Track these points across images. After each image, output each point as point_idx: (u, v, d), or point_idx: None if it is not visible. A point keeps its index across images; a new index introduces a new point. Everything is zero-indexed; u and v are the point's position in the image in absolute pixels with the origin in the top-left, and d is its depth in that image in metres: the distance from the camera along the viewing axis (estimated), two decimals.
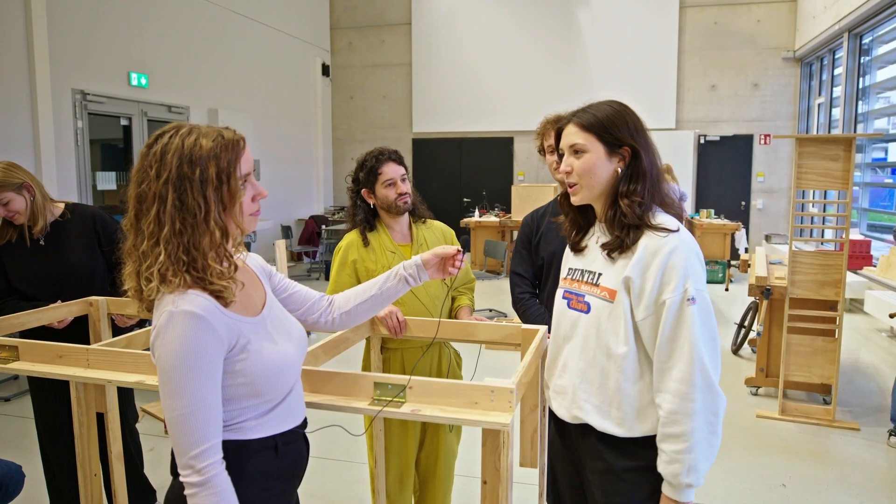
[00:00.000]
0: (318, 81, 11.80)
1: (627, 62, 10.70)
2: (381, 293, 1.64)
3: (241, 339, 1.24)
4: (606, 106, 1.53)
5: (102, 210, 2.74)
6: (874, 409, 4.28)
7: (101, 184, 7.13)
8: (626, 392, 1.48)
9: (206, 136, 1.24)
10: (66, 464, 2.62)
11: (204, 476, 1.16)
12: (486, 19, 11.38)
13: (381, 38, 12.03)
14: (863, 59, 8.01)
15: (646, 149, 1.50)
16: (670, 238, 1.43)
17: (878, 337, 6.12)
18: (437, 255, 1.66)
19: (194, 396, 1.16)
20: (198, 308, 1.18)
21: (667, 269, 1.41)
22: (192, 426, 1.16)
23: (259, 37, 9.92)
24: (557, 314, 1.68)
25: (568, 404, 1.59)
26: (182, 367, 1.15)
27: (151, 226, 1.20)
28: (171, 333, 1.16)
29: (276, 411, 1.33)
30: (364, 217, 2.37)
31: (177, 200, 1.19)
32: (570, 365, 1.59)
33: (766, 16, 10.16)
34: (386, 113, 12.17)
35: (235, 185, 1.25)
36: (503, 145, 11.69)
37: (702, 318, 1.40)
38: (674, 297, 1.40)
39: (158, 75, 7.77)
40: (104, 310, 2.47)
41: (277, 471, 1.34)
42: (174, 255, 1.19)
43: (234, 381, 1.24)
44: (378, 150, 2.37)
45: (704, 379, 1.38)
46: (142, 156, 1.24)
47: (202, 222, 1.21)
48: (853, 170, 3.82)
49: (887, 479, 3.32)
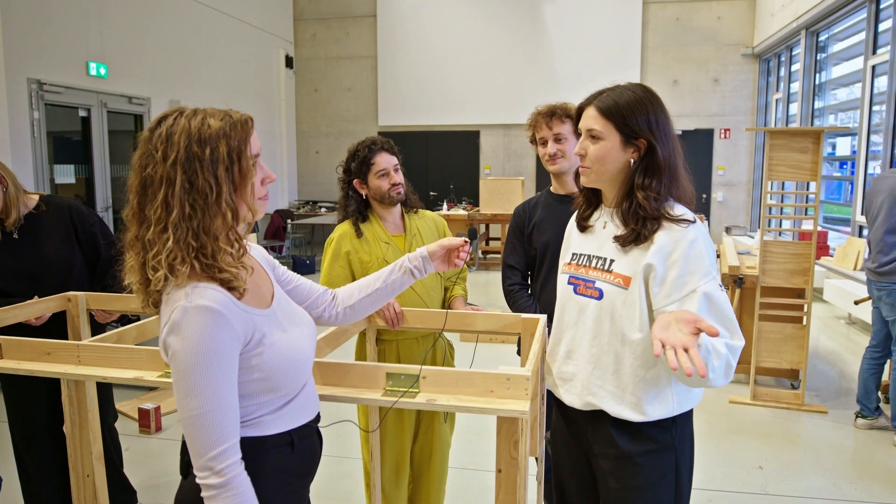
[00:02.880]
0: (282, 73, 11.60)
1: (592, 57, 10.82)
2: (386, 286, 1.61)
3: (257, 333, 1.20)
4: (630, 92, 1.50)
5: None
6: (839, 392, 4.43)
7: (58, 177, 6.87)
8: (642, 377, 1.49)
9: (213, 116, 1.20)
10: (43, 467, 2.52)
11: (224, 477, 1.11)
12: (452, 12, 11.35)
13: (346, 29, 11.89)
14: (819, 56, 8.26)
15: (663, 142, 1.48)
16: (690, 229, 1.44)
17: (837, 324, 6.35)
18: (444, 247, 1.63)
19: (213, 395, 1.11)
20: (213, 302, 1.13)
21: (691, 258, 1.42)
22: (210, 426, 1.11)
23: (221, 27, 9.69)
24: (562, 300, 1.67)
25: (579, 391, 1.59)
26: (200, 365, 1.10)
27: (158, 211, 1.14)
28: (186, 329, 1.11)
29: (292, 405, 1.29)
30: (356, 208, 2.34)
31: (186, 182, 1.14)
32: (580, 351, 1.58)
33: (726, 12, 10.39)
34: (351, 106, 12.04)
35: (247, 165, 1.21)
36: (469, 139, 11.70)
37: (725, 300, 1.43)
38: (703, 284, 1.40)
39: (118, 65, 7.52)
40: (83, 305, 2.38)
41: (293, 467, 1.31)
42: (183, 240, 1.14)
43: (250, 377, 1.20)
44: (371, 139, 2.34)
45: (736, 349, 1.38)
46: (144, 140, 1.18)
47: (213, 204, 1.16)
48: (821, 162, 3.94)
49: (857, 459, 3.44)
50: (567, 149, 2.27)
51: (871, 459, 3.43)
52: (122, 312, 2.45)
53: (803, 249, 4.05)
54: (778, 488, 3.12)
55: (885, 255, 3.53)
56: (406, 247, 2.38)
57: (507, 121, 11.26)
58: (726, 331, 1.40)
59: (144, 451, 3.52)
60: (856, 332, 6.05)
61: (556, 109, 2.25)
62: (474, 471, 3.26)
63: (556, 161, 2.29)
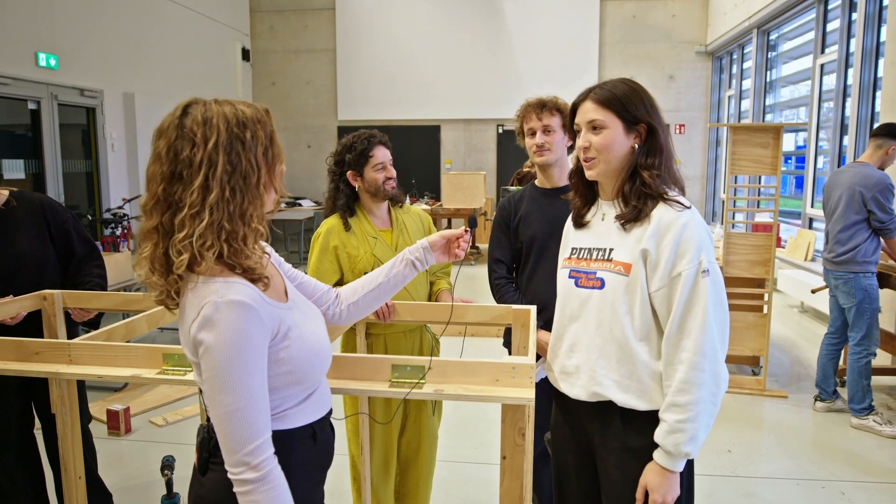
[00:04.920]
0: (238, 66, 11.37)
1: (552, 53, 10.95)
2: (389, 280, 1.60)
3: (283, 327, 1.20)
4: (622, 83, 1.56)
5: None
6: (796, 377, 4.63)
7: (7, 172, 6.59)
8: (646, 364, 1.52)
9: (240, 104, 1.20)
10: (18, 475, 2.44)
11: (261, 472, 1.12)
12: (413, 6, 11.32)
13: (304, 22, 11.72)
14: (770, 55, 8.56)
15: (661, 126, 1.55)
16: (684, 213, 1.48)
17: (790, 312, 6.61)
18: (444, 237, 1.64)
19: (247, 390, 1.11)
20: (245, 297, 1.13)
21: (682, 241, 1.45)
22: (246, 421, 1.11)
23: (176, 18, 9.43)
24: (563, 295, 1.69)
25: (584, 382, 1.60)
26: (235, 360, 1.10)
27: (195, 195, 1.12)
28: (220, 325, 1.10)
29: (313, 398, 1.30)
30: (346, 202, 2.33)
31: (227, 164, 1.13)
32: (583, 343, 1.61)
33: (681, 11, 10.65)
34: (310, 100, 11.89)
35: (279, 150, 1.22)
36: (430, 134, 11.70)
37: (715, 290, 1.45)
38: (689, 268, 1.44)
39: (70, 56, 7.25)
40: (60, 304, 2.30)
41: (316, 459, 1.32)
42: (217, 223, 1.12)
43: (277, 370, 1.20)
44: (368, 132, 2.33)
45: (713, 351, 1.43)
46: (173, 127, 1.15)
47: (253, 187, 1.16)
48: (781, 156, 4.09)
49: (818, 440, 3.61)
50: (554, 141, 2.30)
51: (830, 440, 3.60)
52: (101, 311, 2.38)
53: (764, 241, 4.21)
54: (747, 470, 3.25)
55: (842, 246, 3.69)
56: (393, 241, 2.38)
57: (467, 115, 11.30)
58: (678, 325, 1.45)
59: (115, 453, 3.43)
60: (808, 319, 6.31)
61: (547, 102, 2.28)
62: (454, 462, 3.29)
63: (544, 153, 2.31)
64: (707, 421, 1.45)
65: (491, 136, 11.40)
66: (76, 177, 7.72)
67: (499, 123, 11.29)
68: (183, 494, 2.75)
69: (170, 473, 2.79)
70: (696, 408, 1.43)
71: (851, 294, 3.68)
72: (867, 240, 3.65)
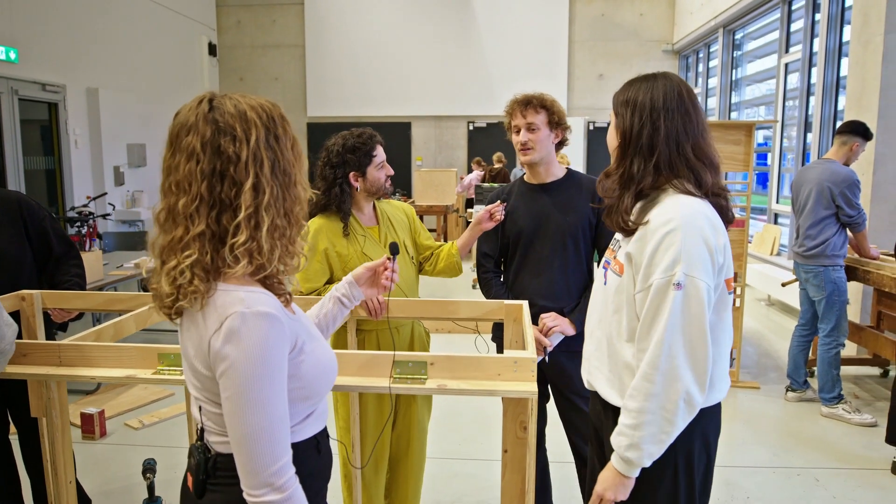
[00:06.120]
0: (205, 61, 11.16)
1: (521, 50, 11.02)
2: (321, 322, 1.55)
3: (299, 340, 1.15)
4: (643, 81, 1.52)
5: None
6: (766, 368, 4.75)
7: None
8: (627, 364, 1.50)
9: (254, 98, 1.15)
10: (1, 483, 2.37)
11: (285, 493, 1.06)
12: (382, 2, 11.26)
13: (272, 17, 11.57)
14: (735, 54, 8.75)
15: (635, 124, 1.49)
16: (676, 217, 1.39)
17: (758, 306, 6.78)
18: (369, 269, 1.60)
19: (273, 408, 1.05)
20: (271, 308, 1.07)
21: (659, 249, 1.39)
22: (271, 441, 1.05)
23: (141, 11, 9.21)
24: (596, 281, 1.70)
25: (586, 370, 1.65)
26: (264, 378, 1.04)
27: (248, 195, 1.05)
28: (247, 338, 1.03)
29: (318, 410, 1.26)
30: (349, 204, 2.29)
31: (272, 161, 1.09)
32: (594, 334, 1.64)
33: (648, 10, 10.82)
34: (278, 96, 11.73)
35: (300, 144, 1.19)
36: (401, 130, 11.67)
37: (685, 305, 1.35)
38: (660, 279, 1.37)
39: (30, 50, 7.03)
40: (39, 304, 2.23)
41: (320, 470, 1.28)
42: (272, 223, 1.07)
43: (292, 386, 1.13)
44: (368, 131, 2.30)
45: (669, 368, 1.36)
46: (205, 121, 1.08)
47: (293, 184, 1.12)
48: (753, 153, 4.19)
49: (791, 429, 3.71)
50: (538, 139, 2.28)
51: (803, 429, 3.70)
52: (82, 311, 2.32)
53: (736, 236, 4.31)
54: (725, 460, 3.32)
55: (812, 241, 3.80)
56: (381, 238, 2.37)
57: (438, 112, 11.30)
58: (643, 334, 1.40)
59: (91, 457, 3.34)
60: (776, 312, 6.48)
61: (532, 98, 2.26)
62: (439, 459, 3.29)
63: (527, 152, 2.29)
64: (655, 434, 1.39)
65: (462, 133, 11.42)
66: (37, 174, 7.49)
67: (469, 120, 11.32)
68: (165, 498, 2.70)
69: (152, 477, 2.73)
70: (641, 416, 1.39)
71: (821, 287, 3.79)
72: (836, 234, 3.76)
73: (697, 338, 1.37)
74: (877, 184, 4.71)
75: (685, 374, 1.37)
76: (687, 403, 1.38)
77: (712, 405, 1.52)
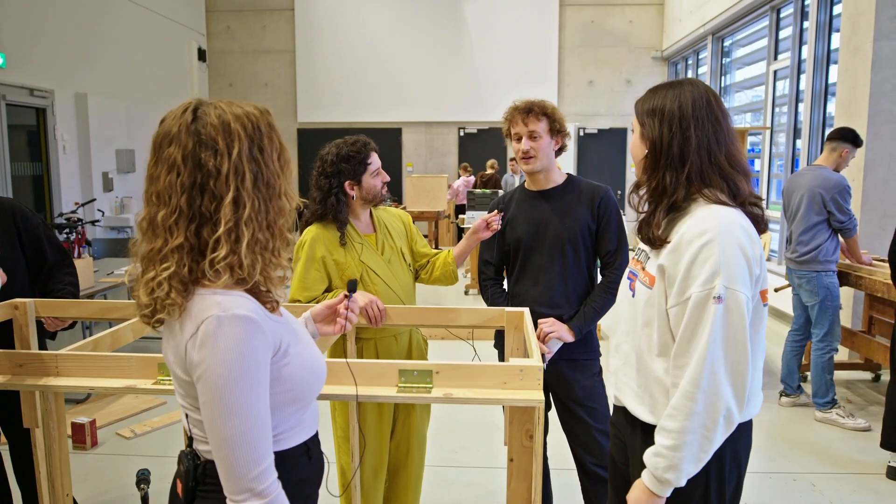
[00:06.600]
0: (195, 67, 11.10)
1: (512, 57, 11.05)
2: None
3: (283, 343, 1.13)
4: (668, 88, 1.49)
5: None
6: None
7: None
8: (659, 380, 1.46)
9: (243, 104, 1.13)
10: None
11: (267, 499, 1.04)
12: (373, 8, 11.27)
13: (262, 23, 11.54)
14: (724, 61, 8.82)
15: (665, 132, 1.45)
16: (711, 229, 1.34)
17: None
18: (328, 307, 1.56)
19: (251, 412, 1.03)
20: (248, 311, 1.05)
21: (696, 262, 1.34)
22: (250, 445, 1.03)
23: (130, 16, 9.15)
24: (621, 293, 1.66)
25: (614, 384, 1.60)
26: (241, 381, 1.02)
27: (228, 209, 1.04)
28: (222, 342, 1.02)
29: (307, 415, 1.24)
30: (345, 213, 2.27)
31: (254, 174, 1.07)
32: (621, 347, 1.59)
33: (637, 17, 10.90)
34: (269, 102, 11.67)
35: (289, 154, 1.17)
36: (391, 136, 11.66)
37: (726, 319, 1.31)
38: (700, 292, 1.32)
39: (17, 54, 6.95)
40: (32, 313, 2.19)
41: (310, 476, 1.26)
42: (253, 236, 1.06)
43: (277, 389, 1.12)
44: (362, 139, 2.29)
45: (712, 384, 1.32)
46: (187, 132, 1.06)
47: (276, 196, 1.10)
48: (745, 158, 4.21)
49: (785, 434, 3.72)
50: (540, 147, 2.27)
51: (798, 434, 3.72)
52: (77, 319, 2.29)
53: None
54: None
55: (805, 246, 3.83)
56: (378, 245, 2.35)
57: (429, 118, 11.31)
58: (682, 350, 1.36)
59: (82, 467, 3.29)
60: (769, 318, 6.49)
61: (534, 106, 2.24)
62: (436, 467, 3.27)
63: (530, 161, 2.27)
64: (695, 453, 1.35)
65: (452, 139, 11.44)
66: (25, 180, 7.41)
67: (460, 126, 11.34)
68: None
69: (146, 488, 2.68)
70: (682, 437, 1.34)
71: (814, 292, 3.81)
72: (828, 240, 3.79)
73: (739, 352, 1.33)
74: (867, 190, 4.75)
75: (726, 390, 1.32)
76: (727, 420, 1.34)
77: (746, 420, 1.47)
